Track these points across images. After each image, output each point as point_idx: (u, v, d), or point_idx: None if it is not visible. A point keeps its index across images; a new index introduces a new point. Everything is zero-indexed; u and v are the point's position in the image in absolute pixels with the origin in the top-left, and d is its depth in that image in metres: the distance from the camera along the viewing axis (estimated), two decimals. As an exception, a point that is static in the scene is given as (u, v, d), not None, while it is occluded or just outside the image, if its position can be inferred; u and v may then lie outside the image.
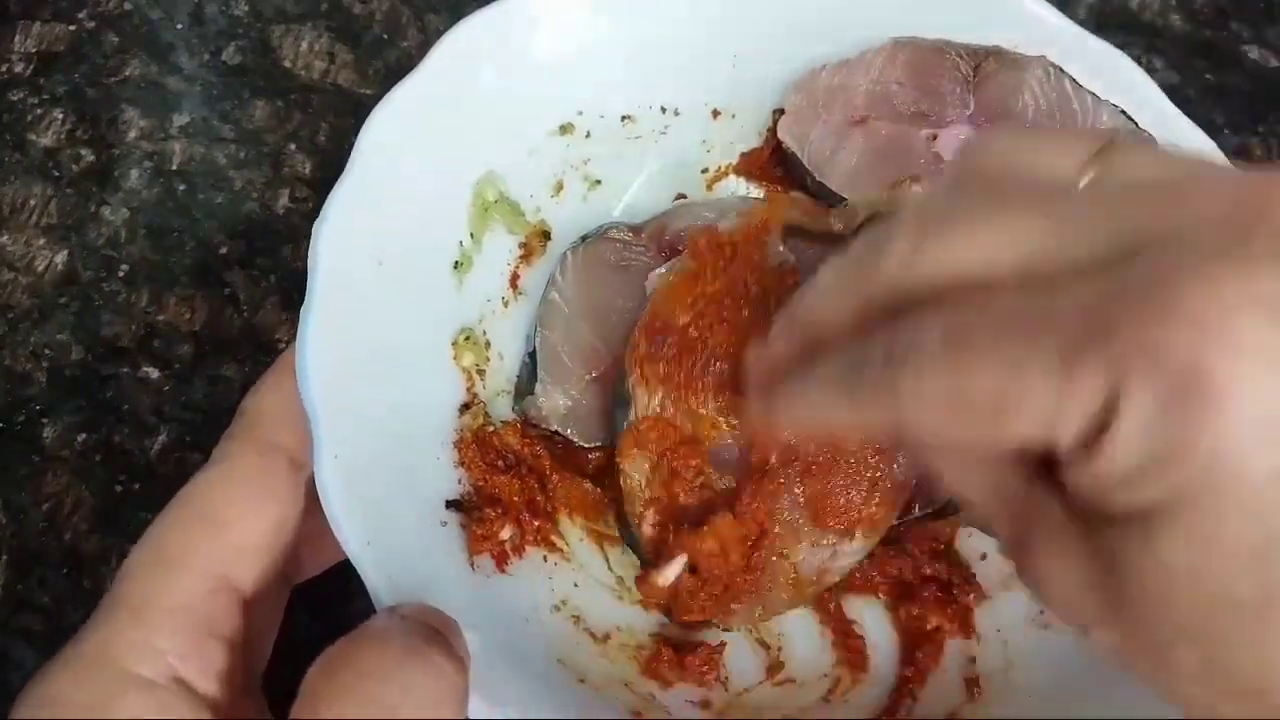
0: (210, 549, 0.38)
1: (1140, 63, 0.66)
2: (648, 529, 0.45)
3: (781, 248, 0.46)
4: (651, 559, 0.44)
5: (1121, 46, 0.66)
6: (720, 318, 0.45)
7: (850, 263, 0.33)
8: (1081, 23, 0.67)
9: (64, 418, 0.54)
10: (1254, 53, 0.69)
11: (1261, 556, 0.25)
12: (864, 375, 0.31)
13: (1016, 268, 0.28)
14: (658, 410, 0.45)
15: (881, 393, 0.30)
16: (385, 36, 0.65)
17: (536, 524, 0.46)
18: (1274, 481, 0.25)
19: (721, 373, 0.45)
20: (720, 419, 0.45)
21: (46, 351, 0.55)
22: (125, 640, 0.36)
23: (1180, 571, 0.26)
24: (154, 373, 0.55)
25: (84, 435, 0.53)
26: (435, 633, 0.35)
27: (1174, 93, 0.65)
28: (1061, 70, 0.50)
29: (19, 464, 0.53)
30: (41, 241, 0.58)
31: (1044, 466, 0.30)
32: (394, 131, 0.46)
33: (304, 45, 0.64)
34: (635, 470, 0.45)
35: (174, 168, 0.60)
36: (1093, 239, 0.28)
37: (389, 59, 0.64)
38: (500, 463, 0.47)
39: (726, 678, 0.45)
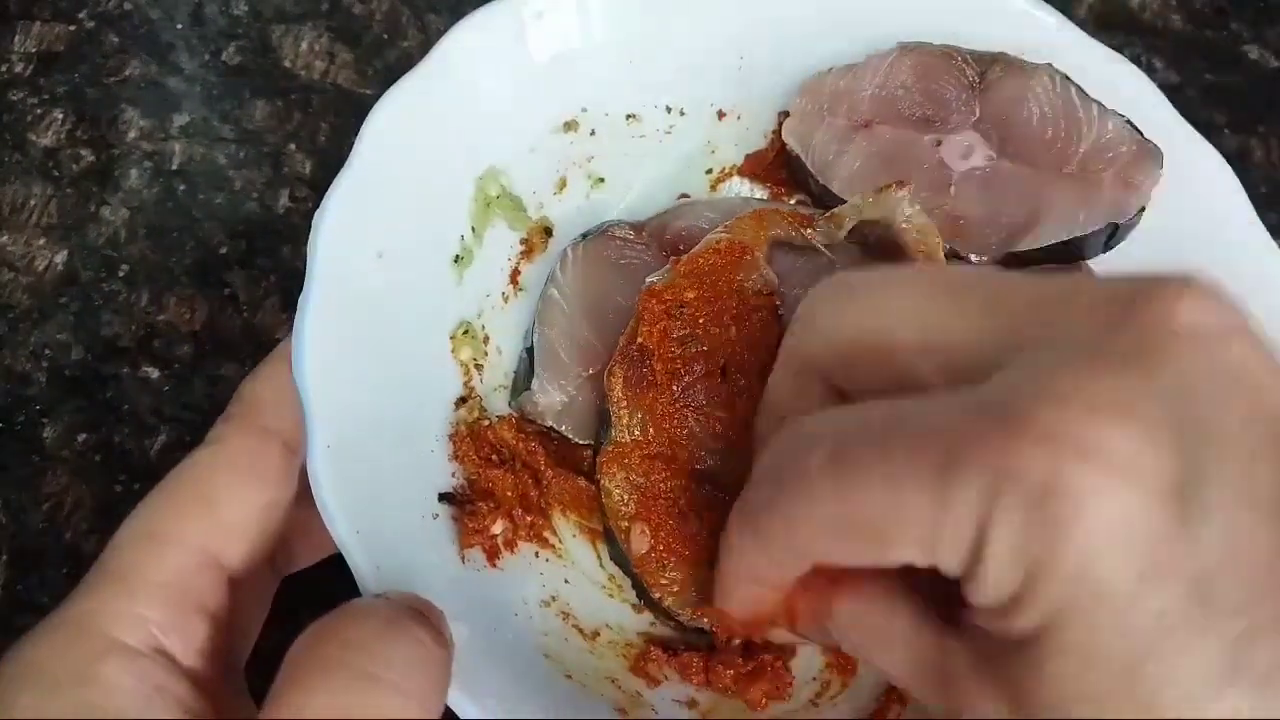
0: (200, 526, 0.38)
1: (1140, 63, 0.66)
2: (636, 544, 0.44)
3: (763, 267, 0.46)
4: (641, 573, 0.44)
5: (1122, 46, 0.66)
6: (702, 341, 0.45)
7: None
8: (1081, 22, 0.67)
9: (64, 418, 0.54)
10: (1254, 53, 0.69)
11: (1135, 670, 0.26)
12: (764, 511, 0.32)
13: (917, 339, 0.30)
14: (637, 434, 0.45)
15: (777, 525, 0.32)
16: (385, 36, 0.65)
17: (529, 519, 0.46)
18: (1141, 587, 0.25)
19: (703, 395, 0.45)
20: (701, 440, 0.45)
21: (46, 351, 0.55)
22: (110, 609, 0.36)
23: (1069, 694, 0.27)
24: (154, 373, 0.55)
25: (84, 435, 0.53)
26: (419, 611, 0.35)
27: (1174, 93, 0.65)
28: (1068, 78, 0.50)
29: (19, 464, 0.52)
30: (41, 241, 0.58)
31: (948, 614, 0.31)
32: (397, 125, 0.46)
33: (304, 45, 0.64)
34: (616, 487, 0.45)
35: (174, 168, 0.60)
36: (994, 325, 0.29)
37: (389, 59, 0.64)
38: (495, 457, 0.47)
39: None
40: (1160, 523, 0.25)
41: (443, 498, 0.44)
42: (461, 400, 0.47)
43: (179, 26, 0.65)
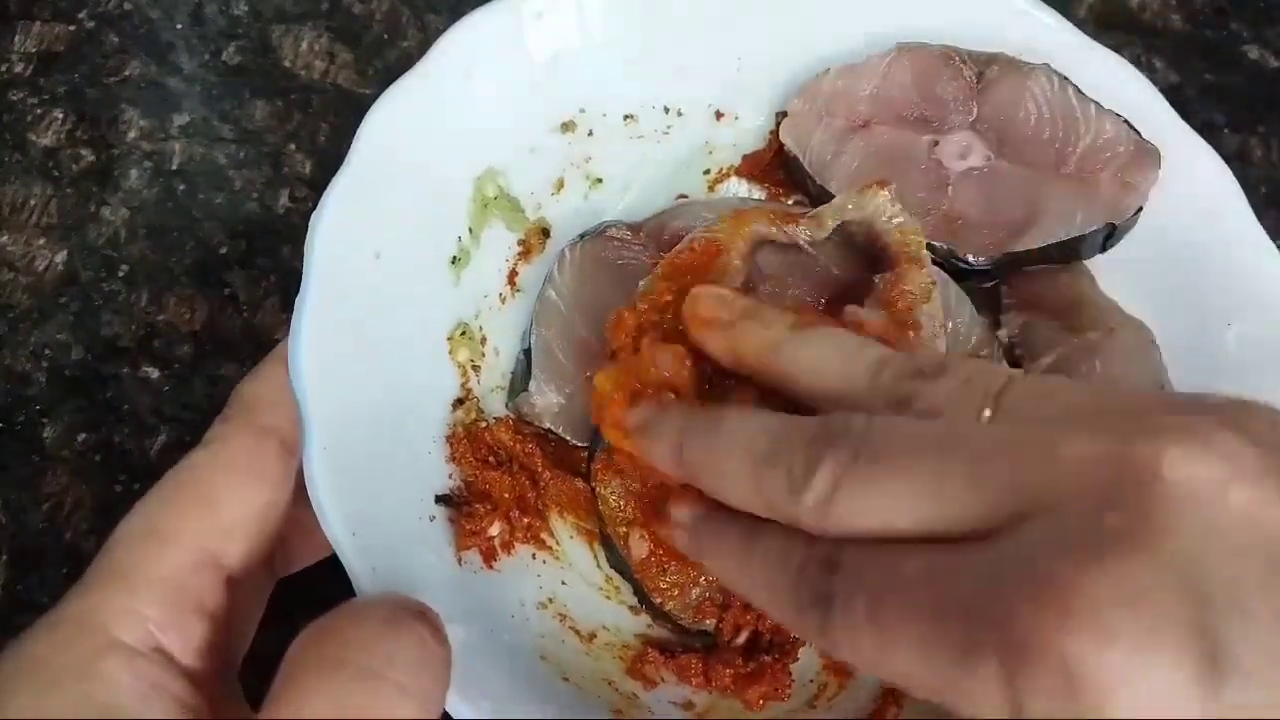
0: (198, 525, 0.38)
1: (1140, 62, 0.66)
2: (635, 550, 0.44)
3: (735, 265, 0.45)
4: (641, 578, 0.44)
5: (1121, 46, 0.66)
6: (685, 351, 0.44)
7: (765, 485, 0.34)
8: (1081, 22, 0.67)
9: (64, 417, 0.54)
10: (1254, 53, 0.69)
11: None
12: (794, 595, 0.33)
13: (917, 529, 0.30)
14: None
15: (813, 627, 0.32)
16: (385, 36, 0.65)
17: (526, 521, 0.46)
18: None
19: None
20: None
21: (46, 351, 0.55)
22: (109, 606, 0.36)
23: None
24: (154, 373, 0.55)
25: (84, 435, 0.53)
26: (417, 610, 0.35)
27: (1174, 93, 0.66)
28: (1065, 79, 0.50)
29: (19, 464, 0.53)
30: (42, 241, 0.58)
31: None
32: (395, 125, 0.46)
33: (304, 45, 0.65)
34: (612, 494, 0.45)
35: (174, 168, 0.60)
36: (980, 501, 0.29)
37: (389, 59, 0.65)
38: (492, 458, 0.47)
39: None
40: (1190, 697, 0.25)
41: (439, 499, 0.44)
42: (459, 402, 0.48)
43: (179, 26, 0.65)
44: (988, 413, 0.31)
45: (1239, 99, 0.67)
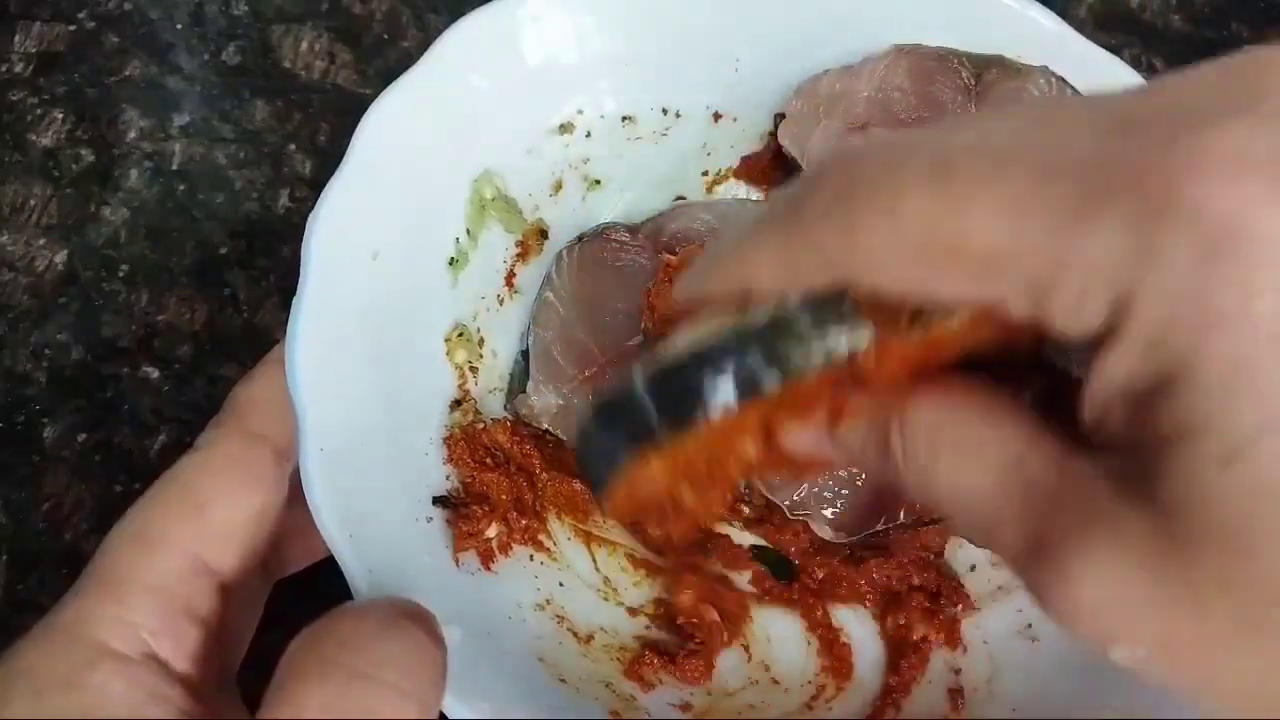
0: (190, 530, 0.38)
1: (1140, 63, 0.66)
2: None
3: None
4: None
5: (1122, 46, 0.66)
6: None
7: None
8: (1082, 22, 0.67)
9: (64, 418, 0.54)
10: (1254, 53, 0.68)
11: None
12: (817, 218, 0.26)
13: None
14: None
15: (835, 222, 0.25)
16: (385, 36, 0.65)
17: (524, 523, 0.46)
18: None
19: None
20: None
21: (46, 351, 0.55)
22: (100, 615, 0.36)
23: (1267, 490, 0.21)
24: (154, 373, 0.55)
25: (84, 435, 0.54)
26: (414, 612, 0.35)
27: (1174, 93, 0.65)
28: (1064, 80, 0.50)
29: (19, 464, 0.53)
30: (41, 241, 0.58)
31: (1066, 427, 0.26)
32: (392, 126, 0.46)
33: (304, 45, 0.65)
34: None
35: (174, 168, 0.61)
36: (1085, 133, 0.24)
37: (389, 59, 0.65)
38: (489, 460, 0.47)
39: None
40: None
41: (437, 501, 0.44)
42: (456, 403, 0.48)
43: (179, 27, 0.65)
44: None
45: (1239, 99, 0.67)
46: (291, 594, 0.44)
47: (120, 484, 0.53)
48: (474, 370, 0.49)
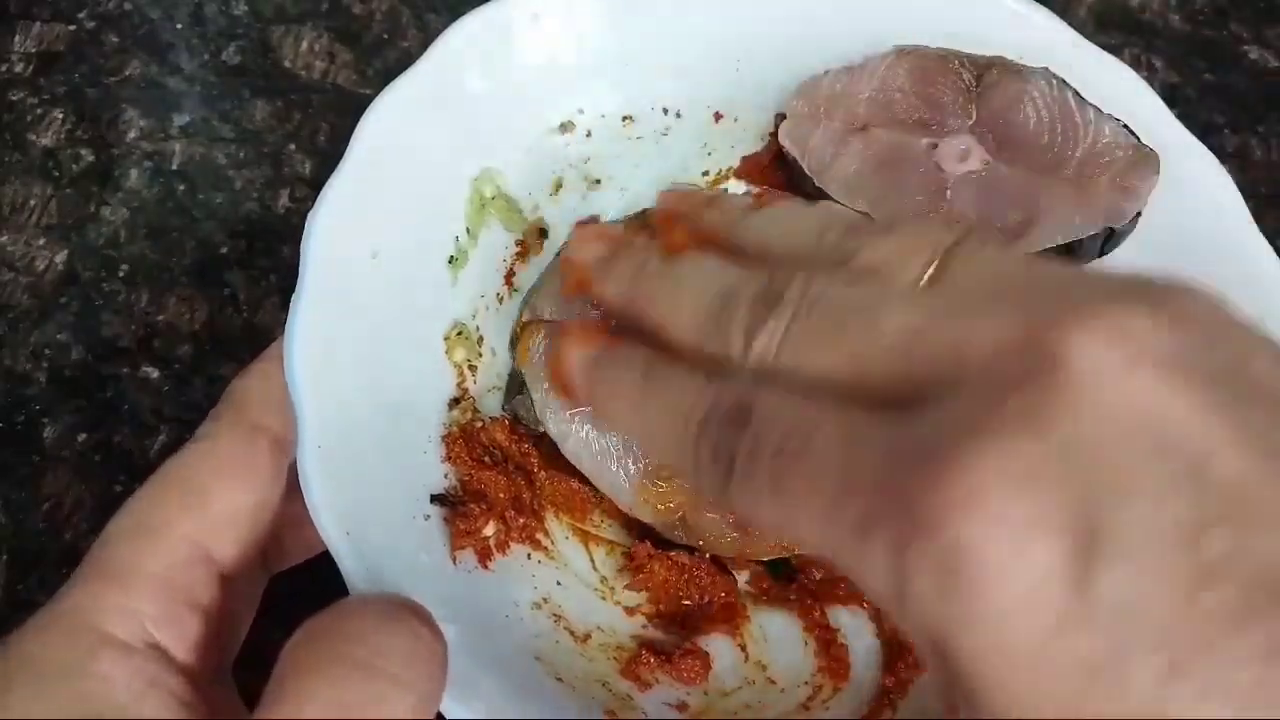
0: (190, 520, 0.38)
1: (1140, 62, 0.66)
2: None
3: None
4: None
5: (1122, 46, 0.66)
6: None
7: (709, 332, 0.33)
8: (1082, 22, 0.68)
9: (64, 418, 0.54)
10: (1254, 53, 0.69)
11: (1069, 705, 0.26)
12: (694, 448, 0.32)
13: (836, 391, 0.30)
14: None
15: (712, 483, 0.32)
16: (385, 36, 0.65)
17: (522, 521, 0.46)
18: (1055, 640, 0.25)
19: None
20: None
21: (46, 351, 0.55)
22: (101, 603, 0.36)
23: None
24: (154, 373, 0.55)
25: (84, 435, 0.54)
26: (413, 605, 0.35)
27: (1174, 93, 0.66)
28: (1065, 82, 0.50)
29: (19, 464, 0.53)
30: (41, 241, 0.58)
31: None
32: (392, 125, 0.46)
33: (304, 45, 0.65)
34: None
35: (174, 168, 0.61)
36: (900, 371, 0.29)
37: (389, 59, 0.65)
38: (487, 458, 0.47)
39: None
40: (1065, 576, 0.25)
41: (435, 499, 0.44)
42: (455, 401, 0.48)
43: (179, 26, 0.65)
44: (929, 273, 0.31)
45: (1239, 99, 0.67)
46: (289, 588, 0.44)
47: (120, 484, 0.53)
48: (473, 369, 0.49)
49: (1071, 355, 0.26)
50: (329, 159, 0.59)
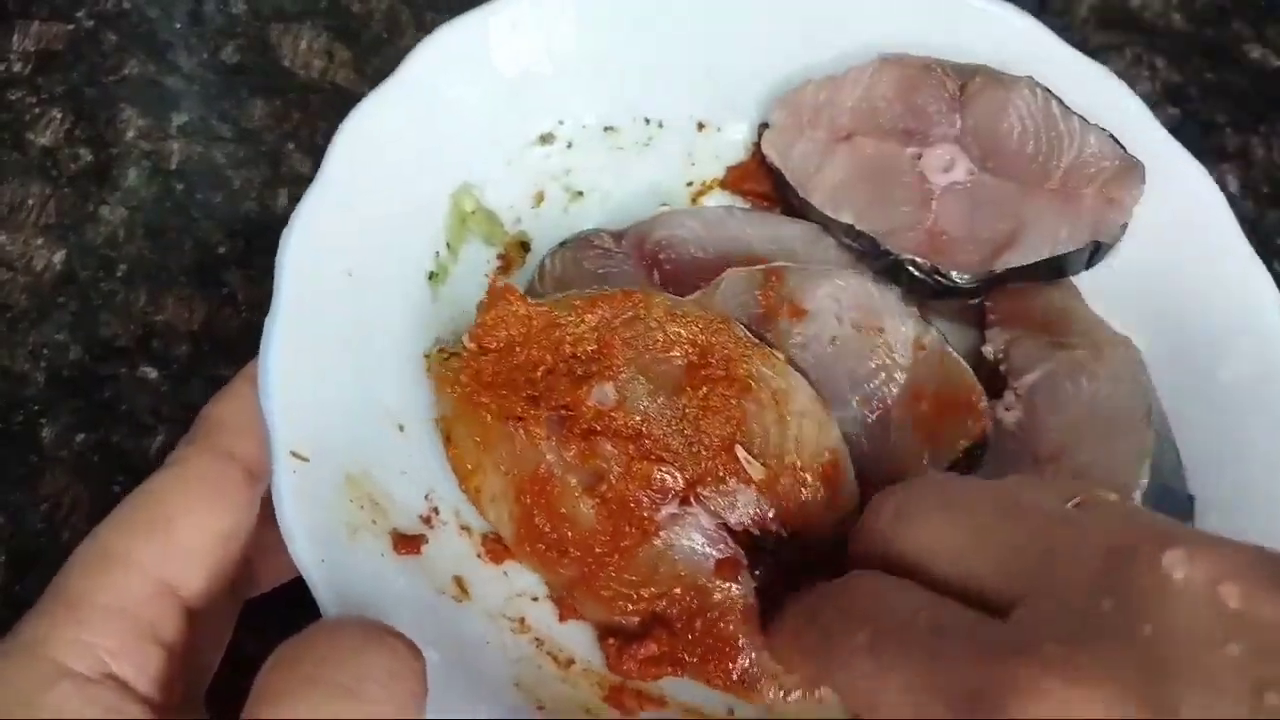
0: (155, 551, 0.37)
1: (1141, 61, 0.66)
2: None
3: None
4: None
5: (1123, 45, 0.66)
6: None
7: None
8: (1083, 21, 0.67)
9: (62, 418, 0.54)
10: (1255, 52, 0.68)
11: None
12: (814, 637, 0.38)
13: (946, 574, 0.35)
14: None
15: (817, 658, 0.38)
16: (384, 35, 0.65)
17: (502, 545, 0.45)
18: None
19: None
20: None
21: (45, 351, 0.56)
22: (57, 636, 0.35)
23: None
24: (152, 373, 0.56)
25: (82, 435, 0.54)
26: (389, 629, 0.34)
27: (1175, 92, 0.65)
28: (1049, 91, 0.50)
29: (17, 464, 0.53)
30: (40, 241, 0.58)
31: None
32: (367, 138, 0.46)
33: (302, 44, 0.65)
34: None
35: (172, 167, 0.61)
36: (1000, 572, 0.34)
37: (388, 58, 0.64)
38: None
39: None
40: None
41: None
42: (437, 421, 0.47)
43: (177, 26, 0.65)
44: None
45: (1240, 98, 0.67)
46: (262, 611, 0.44)
47: (118, 484, 0.53)
48: (454, 386, 0.48)
49: (1164, 564, 0.31)
50: (327, 159, 0.60)
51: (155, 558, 0.37)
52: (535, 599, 0.45)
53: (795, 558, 0.44)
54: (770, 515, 0.44)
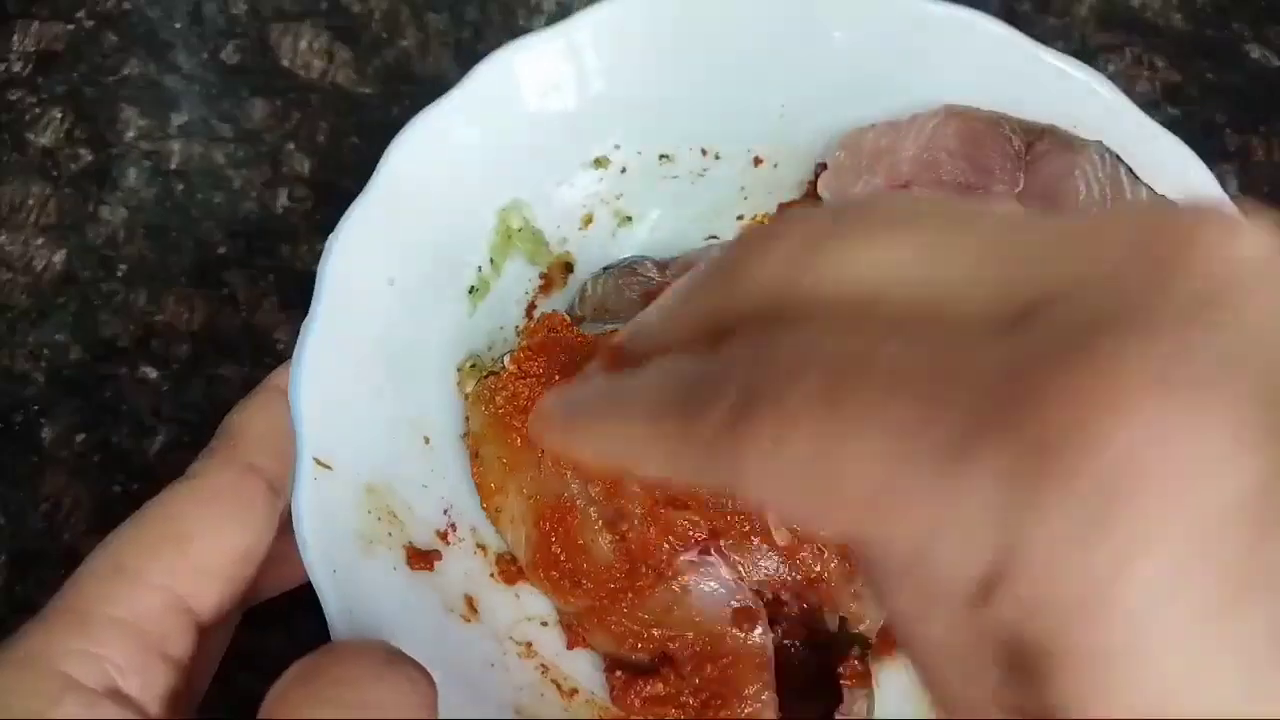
0: (170, 565, 0.37)
1: (1141, 61, 0.66)
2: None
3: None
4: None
5: (1122, 45, 0.66)
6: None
7: (714, 267, 0.26)
8: (1083, 21, 0.67)
9: (62, 418, 0.54)
10: (1255, 52, 0.68)
11: None
12: (701, 416, 0.23)
13: (916, 293, 0.22)
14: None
15: (720, 446, 0.23)
16: (385, 35, 0.65)
17: (516, 566, 0.45)
18: (1209, 627, 0.19)
19: None
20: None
21: (45, 351, 0.55)
22: (64, 647, 0.34)
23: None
24: (152, 373, 0.55)
25: (82, 435, 0.53)
26: (403, 654, 0.34)
27: (1175, 92, 0.66)
28: (1118, 158, 0.48)
29: (17, 464, 0.53)
30: (39, 241, 0.58)
31: None
32: (422, 149, 0.45)
33: (303, 44, 0.64)
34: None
35: (172, 167, 0.60)
36: (1001, 275, 0.22)
37: (388, 58, 0.64)
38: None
39: None
40: (1239, 546, 0.18)
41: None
42: (464, 437, 0.47)
43: (177, 26, 0.65)
44: None
45: (1240, 98, 0.67)
46: (262, 611, 0.43)
47: (119, 484, 0.52)
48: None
49: (1239, 245, 0.20)
50: (328, 158, 0.60)
51: (170, 573, 0.37)
52: (545, 624, 0.45)
53: (807, 631, 0.44)
54: (788, 582, 0.43)
